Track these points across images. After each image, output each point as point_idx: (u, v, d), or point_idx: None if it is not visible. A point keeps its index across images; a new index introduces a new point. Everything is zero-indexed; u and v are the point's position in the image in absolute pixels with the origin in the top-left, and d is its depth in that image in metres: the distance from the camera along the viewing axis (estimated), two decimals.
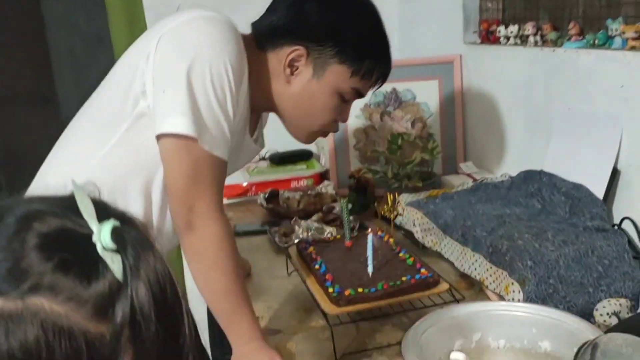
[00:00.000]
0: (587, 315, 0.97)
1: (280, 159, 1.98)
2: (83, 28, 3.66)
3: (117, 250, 0.43)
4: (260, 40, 1.03)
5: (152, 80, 0.93)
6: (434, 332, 0.84)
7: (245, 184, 1.84)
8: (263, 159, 2.04)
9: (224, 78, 0.91)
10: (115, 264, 0.42)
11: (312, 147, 2.05)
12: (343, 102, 1.04)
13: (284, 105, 1.04)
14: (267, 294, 1.20)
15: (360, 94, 1.05)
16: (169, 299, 0.44)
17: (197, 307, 0.97)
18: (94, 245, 0.43)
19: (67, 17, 3.70)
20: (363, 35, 1.01)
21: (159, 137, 0.92)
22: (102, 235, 0.43)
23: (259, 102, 1.05)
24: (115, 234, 0.43)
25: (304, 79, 1.00)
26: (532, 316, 0.85)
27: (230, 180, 1.86)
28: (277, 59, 1.01)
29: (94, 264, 0.42)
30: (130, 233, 0.44)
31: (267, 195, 1.69)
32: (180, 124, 0.89)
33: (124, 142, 0.98)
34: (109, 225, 0.43)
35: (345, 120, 1.10)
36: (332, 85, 1.00)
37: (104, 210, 0.46)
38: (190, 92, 0.90)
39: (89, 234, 0.43)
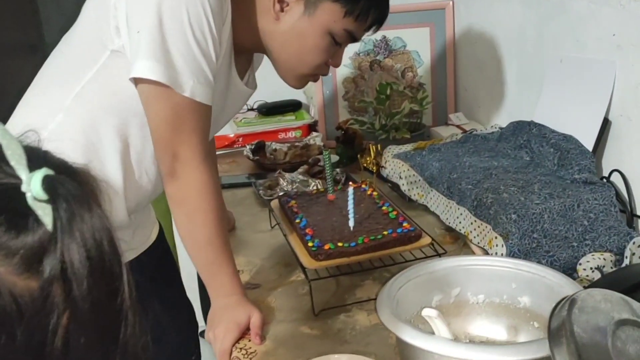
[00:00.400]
0: (570, 270, 0.96)
1: (269, 110, 1.93)
2: None
3: (48, 201, 0.40)
4: None
5: (126, 18, 0.87)
6: (412, 287, 0.82)
7: (232, 135, 1.80)
8: (251, 109, 2.00)
9: (203, 19, 0.85)
10: (46, 215, 0.39)
11: (301, 97, 2.01)
12: (335, 44, 0.97)
13: (273, 45, 0.98)
14: (248, 247, 1.19)
15: (353, 38, 0.98)
16: (105, 257, 0.41)
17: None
18: (25, 196, 0.40)
19: None
20: None
21: (135, 80, 0.88)
22: (32, 184, 0.40)
23: (246, 41, 0.98)
24: (47, 184, 0.40)
25: (294, 16, 0.93)
26: (512, 271, 0.83)
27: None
28: None
29: (24, 215, 0.39)
30: (66, 185, 0.41)
31: (253, 147, 1.66)
32: (154, 70, 0.84)
33: (98, 79, 0.93)
34: (40, 174, 0.40)
35: (337, 64, 1.03)
36: (323, 25, 0.93)
37: (40, 159, 0.42)
38: (163, 35, 0.84)
39: (19, 183, 0.40)
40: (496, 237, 1.00)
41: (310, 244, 0.99)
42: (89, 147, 0.93)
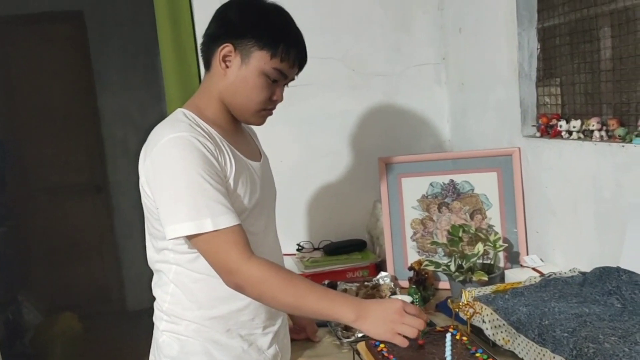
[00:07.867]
0: None
1: (335, 249, 1.97)
2: (137, 120, 3.83)
3: None
4: (206, 63, 1.22)
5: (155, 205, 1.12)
6: None
7: (301, 274, 1.82)
8: (317, 248, 2.03)
9: (198, 176, 1.06)
10: None
11: (365, 237, 2.05)
12: (271, 81, 1.18)
13: (228, 96, 1.19)
14: None
15: (284, 75, 1.19)
16: None
17: None
18: None
19: (122, 109, 3.89)
20: (275, 27, 1.18)
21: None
22: None
23: (226, 114, 1.21)
24: None
25: (235, 67, 1.17)
26: None
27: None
28: (216, 62, 1.18)
29: None
30: None
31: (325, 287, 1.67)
32: (179, 230, 1.06)
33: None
34: None
35: (279, 98, 1.22)
36: (257, 68, 1.16)
37: None
38: (176, 201, 1.07)
39: None
40: None
41: None
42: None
